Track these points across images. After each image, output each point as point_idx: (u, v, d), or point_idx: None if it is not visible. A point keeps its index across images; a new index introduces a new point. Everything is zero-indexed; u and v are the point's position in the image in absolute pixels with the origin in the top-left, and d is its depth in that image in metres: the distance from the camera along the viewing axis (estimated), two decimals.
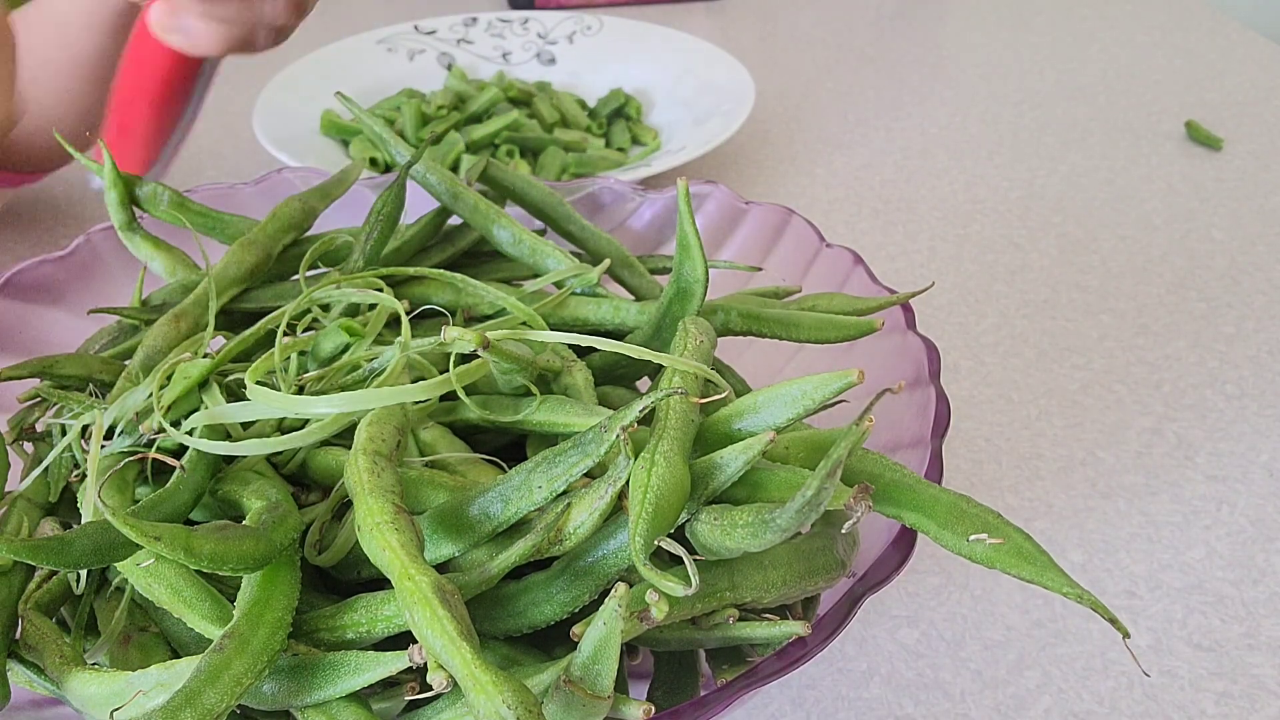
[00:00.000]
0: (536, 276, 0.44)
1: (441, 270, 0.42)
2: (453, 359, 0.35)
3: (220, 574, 0.29)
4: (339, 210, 0.52)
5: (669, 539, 0.27)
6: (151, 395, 0.35)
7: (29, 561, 0.27)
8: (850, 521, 0.26)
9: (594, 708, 0.26)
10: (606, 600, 0.26)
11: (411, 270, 0.42)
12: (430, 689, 0.26)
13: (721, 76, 0.84)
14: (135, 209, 0.45)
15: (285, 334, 0.39)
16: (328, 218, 0.52)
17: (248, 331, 0.38)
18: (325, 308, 0.40)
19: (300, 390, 0.36)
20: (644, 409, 0.28)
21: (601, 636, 0.26)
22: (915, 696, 0.42)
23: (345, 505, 0.34)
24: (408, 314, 0.41)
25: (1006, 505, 0.50)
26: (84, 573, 0.33)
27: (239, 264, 0.42)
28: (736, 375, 0.44)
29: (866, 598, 0.30)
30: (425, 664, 0.26)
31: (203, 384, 0.35)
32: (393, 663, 0.27)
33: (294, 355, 0.37)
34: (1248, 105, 0.89)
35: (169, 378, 0.36)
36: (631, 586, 0.28)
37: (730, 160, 0.83)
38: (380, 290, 0.40)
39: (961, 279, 0.67)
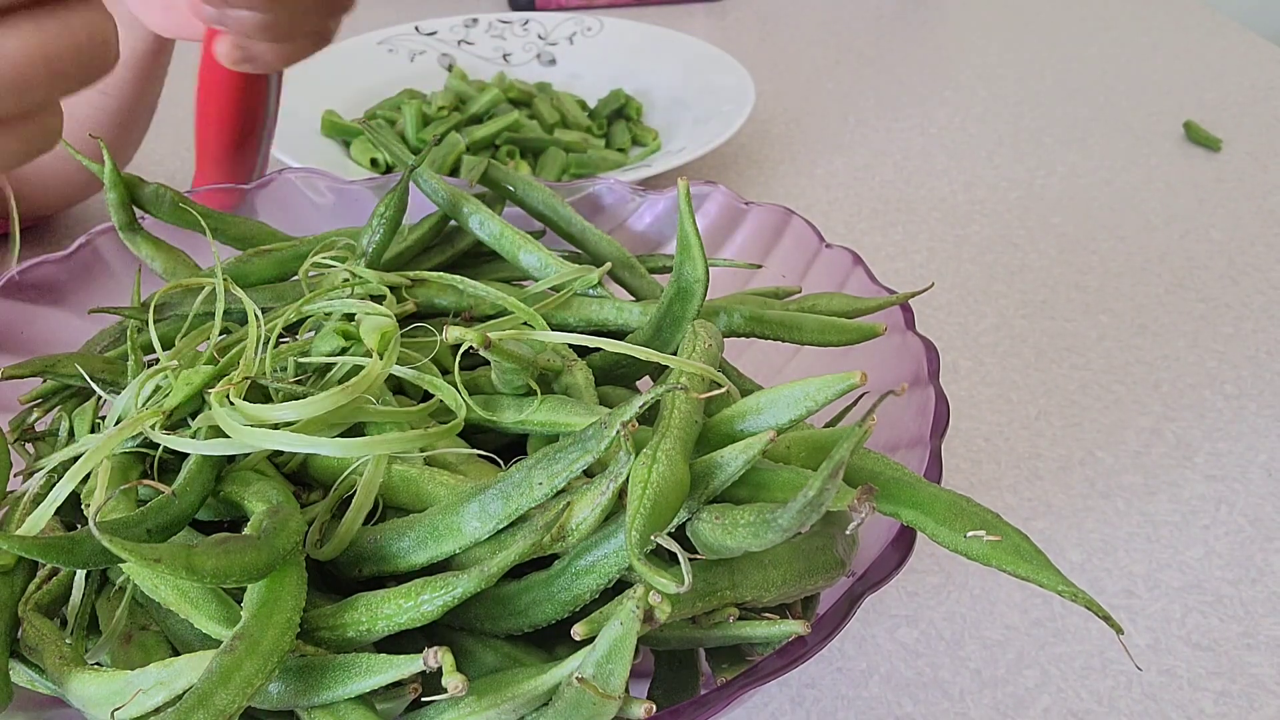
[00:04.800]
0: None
1: (442, 273, 0.42)
2: (456, 359, 0.35)
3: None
4: (340, 210, 0.53)
5: (666, 536, 0.27)
6: (155, 393, 0.35)
7: (39, 559, 0.27)
8: (854, 523, 0.26)
9: (603, 707, 0.26)
10: (623, 599, 0.26)
11: (412, 274, 0.42)
12: (434, 691, 0.26)
13: (721, 76, 0.84)
14: (137, 210, 0.45)
15: (283, 335, 0.39)
16: (330, 219, 0.52)
17: (244, 341, 0.37)
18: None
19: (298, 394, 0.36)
20: (644, 405, 0.29)
21: (618, 636, 0.26)
22: (914, 695, 0.42)
23: (344, 503, 0.34)
24: (410, 316, 0.41)
25: (1005, 505, 0.50)
26: (84, 572, 0.33)
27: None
28: (744, 377, 0.44)
29: (866, 597, 0.31)
30: (437, 667, 0.26)
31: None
32: (406, 665, 0.27)
33: (291, 359, 0.37)
34: (1246, 106, 0.89)
35: (157, 384, 0.36)
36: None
37: (730, 160, 0.83)
38: (385, 296, 0.40)
39: (961, 279, 0.67)
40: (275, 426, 0.32)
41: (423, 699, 0.28)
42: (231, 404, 0.33)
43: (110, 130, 0.64)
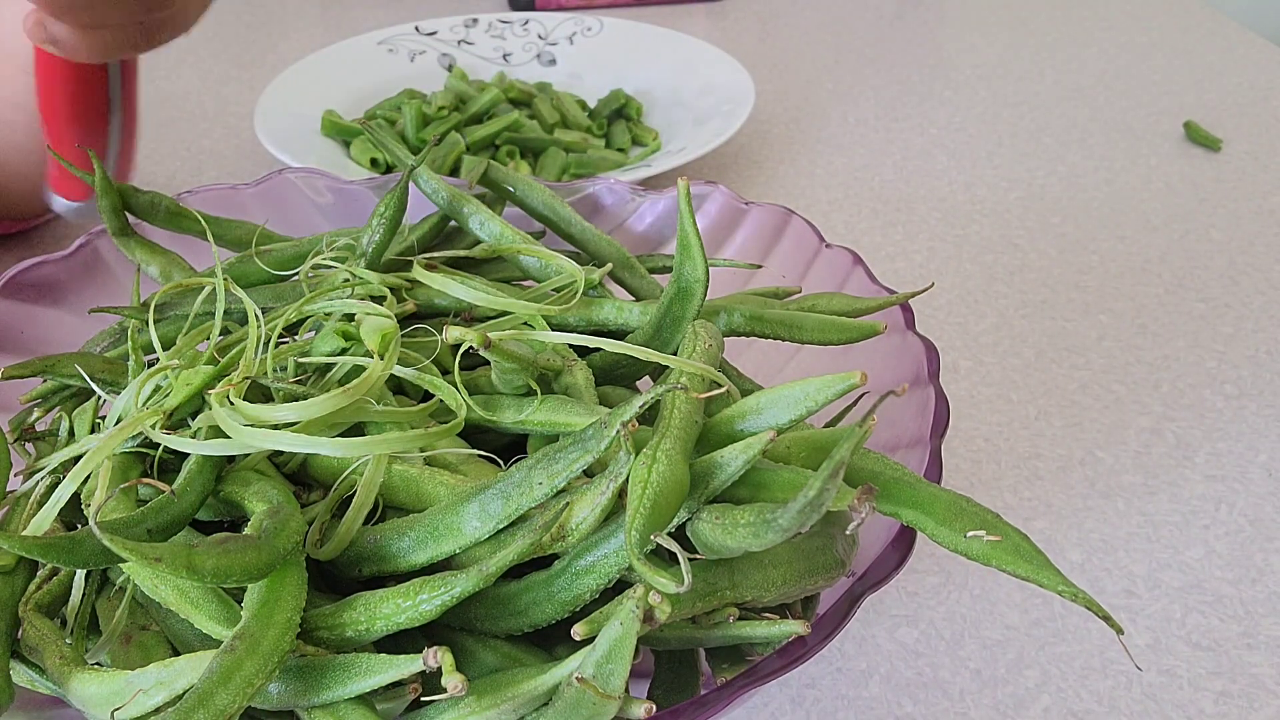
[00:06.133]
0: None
1: (440, 274, 0.42)
2: (456, 359, 0.35)
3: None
4: (340, 210, 0.53)
5: (666, 536, 0.27)
6: (155, 393, 0.35)
7: (41, 559, 0.27)
8: (854, 524, 0.26)
9: (603, 707, 0.26)
10: (623, 599, 0.26)
11: (411, 274, 0.42)
12: (434, 691, 0.26)
13: (721, 76, 0.84)
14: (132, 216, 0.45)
15: (283, 336, 0.39)
16: (330, 219, 0.52)
17: (244, 342, 0.37)
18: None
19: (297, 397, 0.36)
20: (644, 404, 0.29)
21: (618, 636, 0.26)
22: (914, 695, 0.42)
23: (345, 503, 0.34)
24: (410, 316, 0.41)
25: (1005, 505, 0.50)
26: (84, 572, 0.33)
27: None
28: (744, 377, 0.44)
29: (866, 597, 0.31)
30: (437, 667, 0.26)
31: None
32: (406, 665, 0.27)
33: (291, 359, 0.37)
34: (1246, 106, 0.89)
35: (157, 384, 0.36)
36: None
37: (730, 160, 0.83)
38: (385, 297, 0.40)
39: (961, 279, 0.67)
40: (275, 427, 0.32)
41: (422, 699, 0.28)
42: (231, 404, 0.33)
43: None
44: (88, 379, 0.39)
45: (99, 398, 0.39)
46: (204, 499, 0.33)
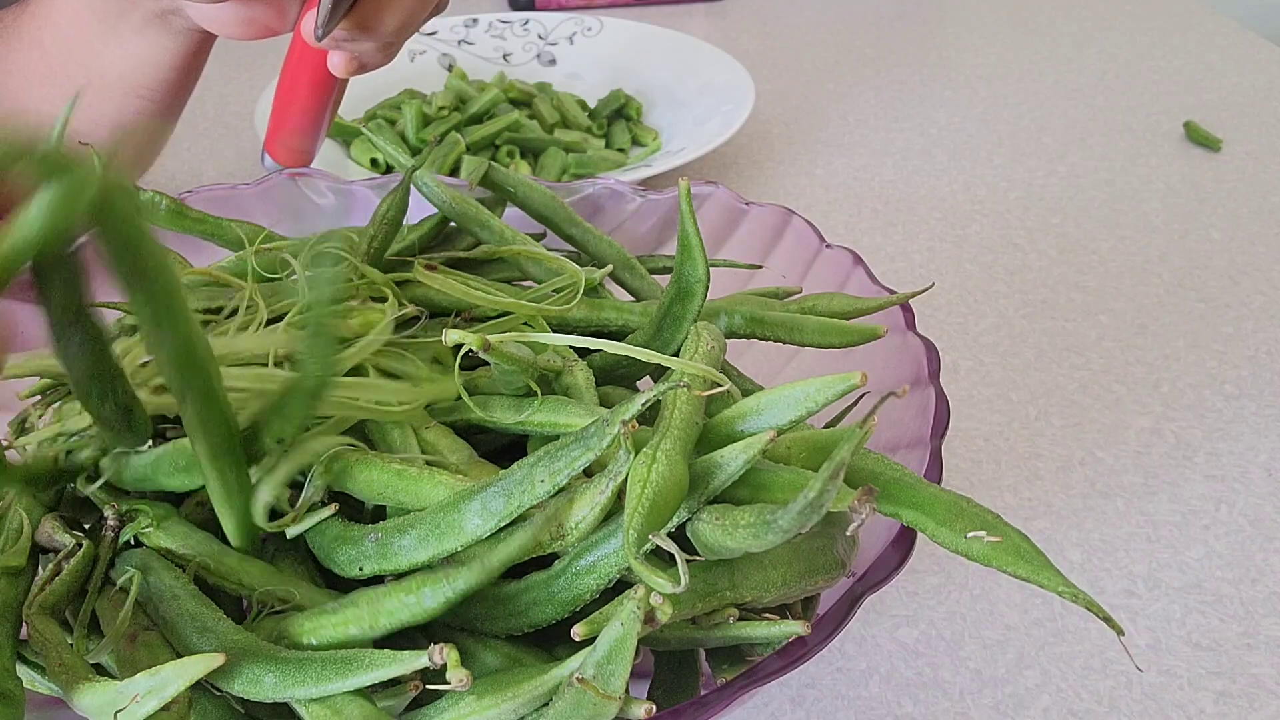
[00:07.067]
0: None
1: (440, 275, 0.42)
2: (456, 360, 0.35)
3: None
4: (340, 210, 0.53)
5: (664, 536, 0.27)
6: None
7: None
8: (855, 524, 0.26)
9: (604, 707, 0.26)
10: (624, 600, 0.26)
11: (412, 274, 0.42)
12: (437, 685, 0.26)
13: (721, 76, 0.84)
14: None
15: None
16: (330, 219, 0.52)
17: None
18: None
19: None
20: (645, 403, 0.29)
21: (618, 637, 0.26)
22: (914, 695, 0.42)
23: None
24: (411, 317, 0.41)
25: (1005, 505, 0.50)
26: (88, 573, 0.33)
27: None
28: (745, 377, 0.44)
29: (866, 597, 0.31)
30: (442, 664, 0.26)
31: None
32: (410, 661, 0.27)
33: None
34: (1246, 106, 0.90)
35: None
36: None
37: (730, 160, 0.83)
38: (386, 298, 0.40)
39: (961, 279, 0.67)
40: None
41: (428, 686, 0.28)
42: None
43: (142, 134, 0.63)
44: None
45: None
46: None
